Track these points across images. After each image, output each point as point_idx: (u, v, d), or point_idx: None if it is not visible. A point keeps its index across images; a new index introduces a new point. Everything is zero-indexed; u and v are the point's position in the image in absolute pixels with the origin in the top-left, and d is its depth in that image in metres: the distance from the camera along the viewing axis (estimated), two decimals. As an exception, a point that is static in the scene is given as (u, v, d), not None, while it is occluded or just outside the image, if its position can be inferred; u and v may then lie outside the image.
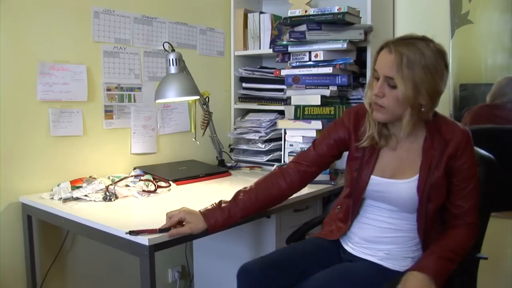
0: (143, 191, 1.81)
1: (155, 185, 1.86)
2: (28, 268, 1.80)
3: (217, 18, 2.60)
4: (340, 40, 2.10)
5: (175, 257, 2.41)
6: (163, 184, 1.91)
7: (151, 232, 1.32)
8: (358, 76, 2.29)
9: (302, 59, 2.20)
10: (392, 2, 2.43)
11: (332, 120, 1.62)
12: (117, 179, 1.87)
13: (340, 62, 2.12)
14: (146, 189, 1.83)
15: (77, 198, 1.71)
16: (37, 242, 1.85)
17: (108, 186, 1.77)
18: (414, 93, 1.27)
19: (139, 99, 2.20)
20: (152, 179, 1.92)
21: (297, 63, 2.21)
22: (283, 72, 2.25)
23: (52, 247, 1.92)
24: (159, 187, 1.86)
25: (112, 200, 1.71)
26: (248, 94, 2.62)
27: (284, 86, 2.32)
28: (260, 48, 2.58)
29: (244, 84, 2.63)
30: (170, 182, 1.94)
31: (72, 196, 1.70)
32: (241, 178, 2.23)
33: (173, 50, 2.03)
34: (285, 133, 2.26)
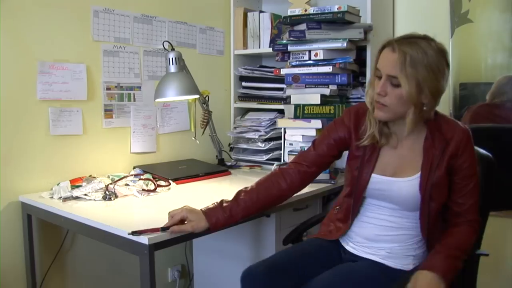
0: (143, 190, 1.81)
1: (155, 184, 1.86)
2: (28, 267, 1.80)
3: (217, 17, 2.60)
4: (340, 39, 2.10)
5: (175, 256, 2.42)
6: (163, 183, 1.91)
7: (154, 231, 1.31)
8: (358, 75, 2.29)
9: (302, 58, 2.20)
10: (392, 1, 2.43)
11: (332, 119, 1.62)
12: (117, 178, 1.87)
13: (340, 61, 2.12)
14: (146, 188, 1.83)
15: (77, 197, 1.71)
16: (37, 241, 1.85)
17: (108, 185, 1.77)
18: (417, 92, 1.27)
19: (139, 98, 2.20)
20: (152, 178, 1.92)
21: (297, 62, 2.21)
22: (283, 71, 2.25)
23: (52, 246, 1.92)
24: (159, 186, 1.86)
25: (112, 199, 1.71)
26: (248, 93, 2.62)
27: (284, 85, 2.32)
28: (260, 47, 2.58)
29: (244, 83, 2.63)
30: (170, 181, 1.94)
31: (72, 195, 1.70)
32: (241, 177, 2.23)
33: (173, 49, 2.03)
34: (285, 132, 2.26)
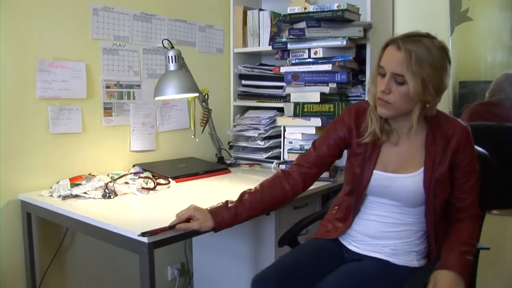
0: (142, 189, 1.81)
1: (154, 183, 1.86)
2: (28, 266, 1.81)
3: (217, 15, 2.60)
4: (340, 37, 2.10)
5: (175, 255, 2.42)
6: (163, 182, 1.91)
7: (162, 231, 1.31)
8: (358, 73, 2.29)
9: (302, 56, 2.19)
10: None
11: (331, 117, 1.63)
12: (116, 177, 1.87)
13: (340, 59, 2.11)
14: (146, 187, 1.83)
15: (76, 196, 1.71)
16: (37, 240, 1.85)
17: (108, 184, 1.77)
18: (423, 89, 1.29)
19: (138, 96, 2.20)
20: (152, 176, 1.92)
21: (297, 60, 2.21)
22: (283, 69, 2.25)
23: (52, 245, 1.92)
24: (159, 184, 1.86)
25: (111, 198, 1.71)
26: (248, 91, 2.62)
27: (284, 83, 2.31)
28: (260, 45, 2.57)
29: (244, 81, 2.63)
30: (170, 179, 1.94)
31: (72, 194, 1.70)
32: (240, 176, 2.23)
33: (172, 47, 2.02)
34: (285, 130, 2.26)
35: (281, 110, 2.39)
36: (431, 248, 1.43)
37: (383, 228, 1.43)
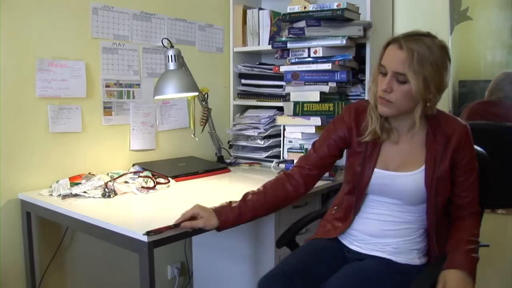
0: (142, 188, 1.81)
1: (154, 182, 1.86)
2: (27, 265, 1.81)
3: (216, 15, 2.60)
4: (339, 37, 2.10)
5: (175, 254, 2.42)
6: (162, 181, 1.91)
7: (168, 229, 1.31)
8: (357, 73, 2.29)
9: (301, 56, 2.19)
10: (392, -2, 2.43)
11: (331, 116, 1.63)
12: (116, 176, 1.87)
13: (339, 59, 2.12)
14: (145, 186, 1.83)
15: (76, 195, 1.71)
16: (36, 239, 1.85)
17: (107, 183, 1.77)
18: (424, 88, 1.29)
19: (138, 96, 2.20)
20: (151, 176, 1.92)
21: (296, 60, 2.21)
22: (282, 69, 2.25)
23: (51, 244, 1.92)
24: (158, 184, 1.86)
25: (111, 197, 1.71)
26: (247, 91, 2.62)
27: (283, 83, 2.32)
28: (259, 45, 2.57)
29: (243, 81, 2.62)
30: (169, 179, 1.94)
31: (71, 193, 1.70)
32: (240, 175, 2.23)
33: (172, 47, 2.02)
34: (284, 130, 2.26)
35: (281, 109, 2.39)
36: (431, 246, 1.43)
37: (384, 227, 1.44)
